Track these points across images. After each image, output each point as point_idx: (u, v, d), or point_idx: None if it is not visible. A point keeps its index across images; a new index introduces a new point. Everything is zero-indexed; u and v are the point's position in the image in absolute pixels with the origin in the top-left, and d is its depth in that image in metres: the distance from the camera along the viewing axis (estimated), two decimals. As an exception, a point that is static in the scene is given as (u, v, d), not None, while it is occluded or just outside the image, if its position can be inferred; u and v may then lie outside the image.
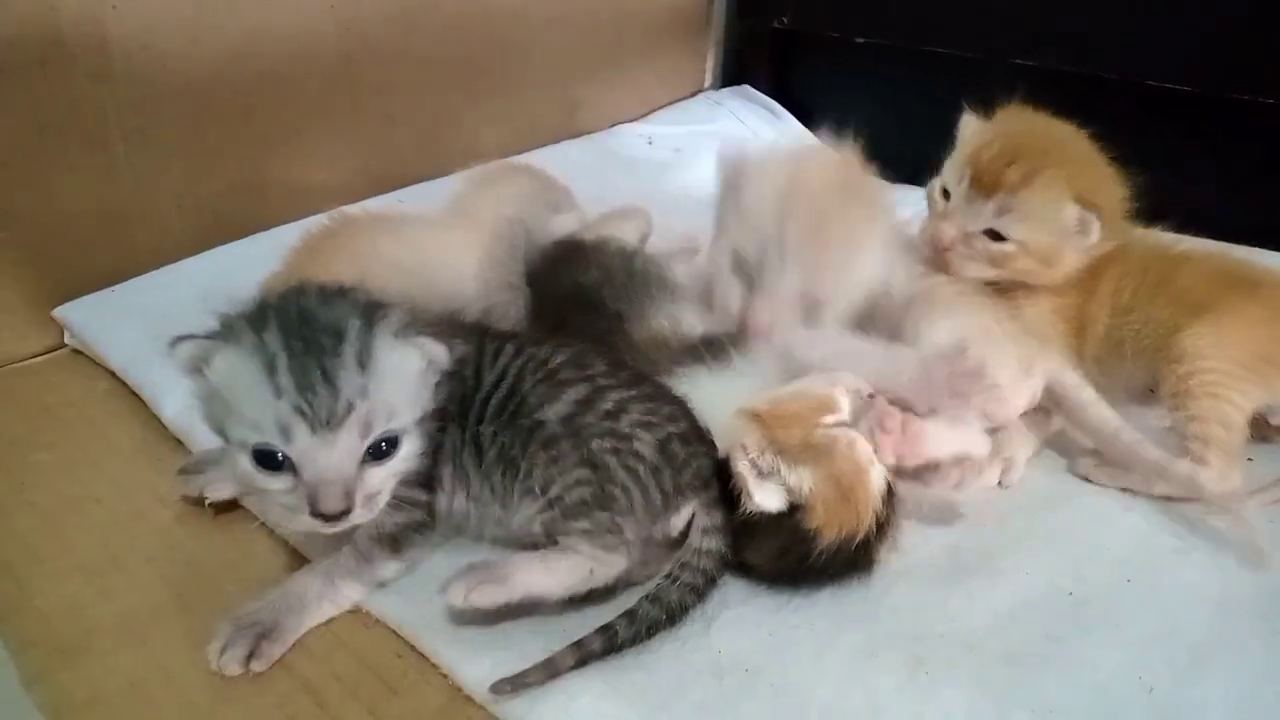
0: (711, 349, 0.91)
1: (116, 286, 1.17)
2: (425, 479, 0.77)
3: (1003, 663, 0.76)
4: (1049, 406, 1.00)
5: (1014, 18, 1.44)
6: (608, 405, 0.77)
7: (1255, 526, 0.88)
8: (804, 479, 0.77)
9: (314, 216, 1.22)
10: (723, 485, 0.80)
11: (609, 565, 0.74)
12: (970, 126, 1.06)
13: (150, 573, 0.82)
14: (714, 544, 0.78)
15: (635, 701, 0.70)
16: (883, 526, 0.79)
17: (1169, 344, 0.97)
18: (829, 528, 0.76)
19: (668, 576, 0.77)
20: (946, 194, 1.04)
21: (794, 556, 0.77)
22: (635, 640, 0.73)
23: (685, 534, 0.79)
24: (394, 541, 0.77)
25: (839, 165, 1.01)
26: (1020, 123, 1.05)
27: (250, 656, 0.72)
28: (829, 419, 0.80)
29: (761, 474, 0.78)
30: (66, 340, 1.16)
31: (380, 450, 0.69)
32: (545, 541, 0.76)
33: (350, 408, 0.66)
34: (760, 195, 0.97)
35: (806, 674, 0.74)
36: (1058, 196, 1.00)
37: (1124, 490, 0.96)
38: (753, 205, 0.97)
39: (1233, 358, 0.95)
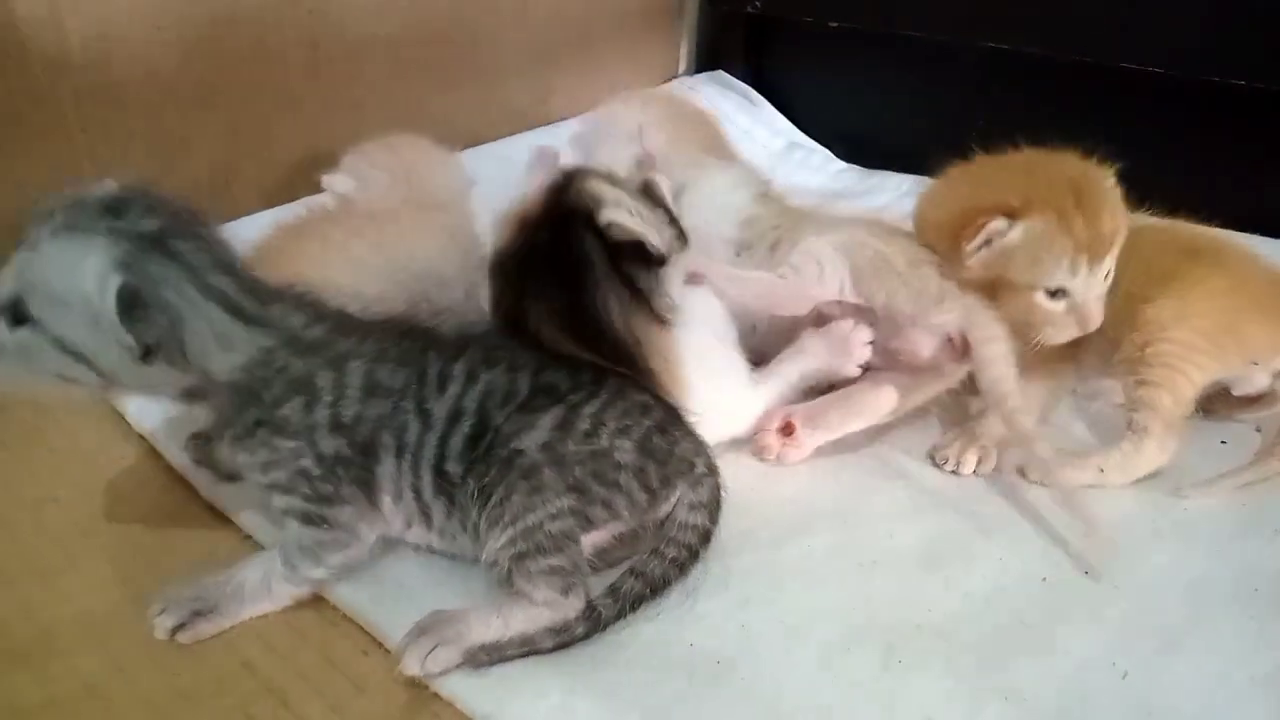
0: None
1: (78, 280, 1.14)
2: (348, 499, 0.75)
3: (977, 650, 0.76)
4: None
5: (988, 1, 1.44)
6: (585, 425, 0.75)
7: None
8: None
9: (282, 208, 1.20)
10: None
11: (565, 609, 0.73)
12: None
13: (110, 574, 0.80)
14: (699, 519, 0.79)
15: (606, 697, 0.70)
16: None
17: (1134, 313, 0.97)
18: None
19: (653, 551, 0.78)
20: (1059, 293, 0.95)
21: None
22: (620, 616, 0.75)
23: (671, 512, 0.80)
24: (313, 553, 0.76)
25: None
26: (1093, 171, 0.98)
27: (182, 627, 0.73)
28: None
29: None
30: (27, 336, 1.13)
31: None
32: (504, 577, 0.74)
33: None
34: None
35: (779, 666, 0.74)
36: None
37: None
38: None
39: (1196, 328, 0.94)
